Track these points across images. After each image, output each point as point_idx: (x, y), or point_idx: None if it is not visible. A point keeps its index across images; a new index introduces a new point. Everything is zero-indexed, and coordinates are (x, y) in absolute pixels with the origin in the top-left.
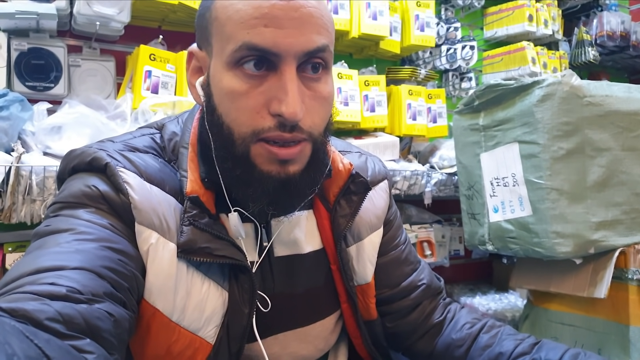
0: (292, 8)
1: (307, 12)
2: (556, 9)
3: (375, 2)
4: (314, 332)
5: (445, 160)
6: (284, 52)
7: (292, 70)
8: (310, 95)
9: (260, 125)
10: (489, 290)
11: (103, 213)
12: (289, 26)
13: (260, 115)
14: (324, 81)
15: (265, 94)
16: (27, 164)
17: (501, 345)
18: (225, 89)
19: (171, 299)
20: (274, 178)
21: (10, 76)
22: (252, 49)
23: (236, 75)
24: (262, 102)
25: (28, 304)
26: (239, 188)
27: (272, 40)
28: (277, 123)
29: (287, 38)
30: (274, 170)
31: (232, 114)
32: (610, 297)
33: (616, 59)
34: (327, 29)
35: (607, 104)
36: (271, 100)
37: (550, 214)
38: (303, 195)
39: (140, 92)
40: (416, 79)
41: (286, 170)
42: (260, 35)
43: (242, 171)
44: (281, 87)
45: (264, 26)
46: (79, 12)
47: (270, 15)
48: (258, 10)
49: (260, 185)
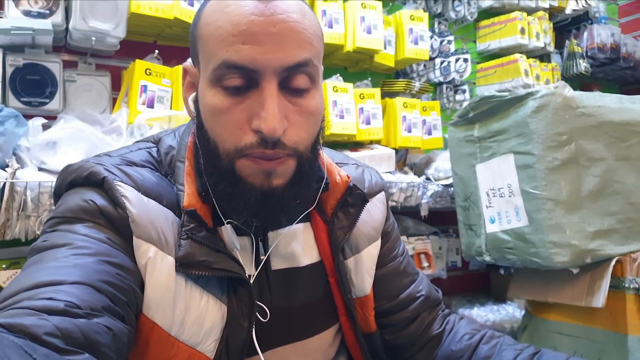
0: (270, 23)
1: (287, 27)
2: (547, 22)
3: (369, 16)
4: (313, 345)
5: (441, 172)
6: (263, 68)
7: (271, 86)
8: (295, 110)
9: (243, 142)
10: (486, 302)
11: (101, 227)
12: (267, 42)
13: (242, 132)
14: (310, 95)
15: (247, 110)
16: (21, 180)
17: (501, 355)
18: (209, 106)
19: (170, 313)
20: (257, 189)
21: (5, 92)
22: (231, 67)
23: (218, 92)
24: (244, 118)
25: (26, 319)
26: (224, 201)
27: (250, 57)
28: (259, 139)
29: (265, 54)
30: (258, 182)
31: (216, 130)
32: (608, 306)
33: (607, 70)
34: (311, 42)
35: (599, 114)
36: (252, 116)
37: (547, 224)
38: (287, 209)
39: (136, 106)
40: (411, 92)
41: (269, 183)
42: (238, 53)
43: (226, 184)
44: (260, 104)
45: (241, 43)
46: (75, 28)
47: (248, 32)
48: (236, 27)
49: (243, 196)
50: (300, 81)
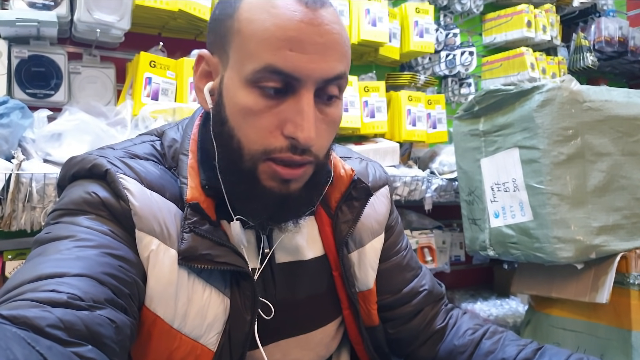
0: (317, 33)
1: (332, 39)
2: (554, 15)
3: (374, 9)
4: (316, 338)
5: (446, 166)
6: (305, 78)
7: (310, 95)
8: (322, 119)
9: (272, 145)
10: (490, 296)
11: (103, 220)
12: (312, 52)
13: (272, 135)
14: (335, 105)
15: (280, 115)
16: (27, 171)
17: (504, 351)
18: (240, 105)
19: (172, 305)
20: (275, 194)
21: (10, 83)
22: (274, 72)
23: (253, 93)
24: (275, 123)
25: (29, 311)
26: (240, 201)
27: (296, 65)
28: (289, 145)
29: (310, 64)
30: (276, 187)
31: (244, 130)
32: (612, 302)
33: (614, 64)
34: (347, 56)
35: (606, 108)
36: (286, 122)
37: (551, 219)
38: (300, 212)
39: (140, 98)
40: (416, 85)
41: (287, 188)
42: (284, 59)
43: (246, 186)
44: (298, 111)
45: (289, 50)
46: (80, 20)
47: (296, 40)
48: (285, 32)
49: (261, 200)
50: (332, 92)
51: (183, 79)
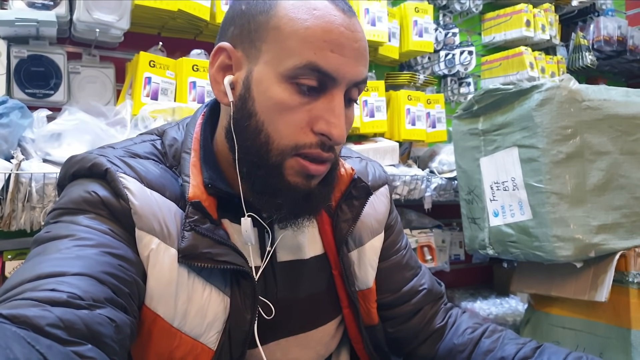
0: (354, 39)
1: (362, 46)
2: (553, 14)
3: (374, 8)
4: (316, 337)
5: (445, 165)
6: (341, 78)
7: (341, 95)
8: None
9: (303, 141)
10: (489, 295)
11: (103, 219)
12: (349, 55)
13: (303, 132)
14: (352, 108)
15: (312, 112)
16: (26, 171)
17: (503, 349)
18: (275, 99)
19: (172, 304)
20: (299, 189)
21: (10, 83)
22: (315, 70)
23: (289, 89)
24: (307, 119)
25: (29, 310)
26: (264, 195)
27: (335, 66)
28: (319, 141)
29: (346, 66)
30: (300, 182)
31: (275, 125)
32: (612, 300)
33: (613, 63)
34: (368, 62)
35: (605, 107)
36: (317, 119)
37: (551, 218)
38: (318, 208)
39: (140, 98)
40: (415, 84)
41: (309, 184)
42: (326, 59)
43: (271, 180)
44: (331, 110)
45: (330, 51)
46: (79, 19)
47: (337, 42)
48: (328, 34)
49: (288, 195)
50: (354, 95)
51: (182, 79)
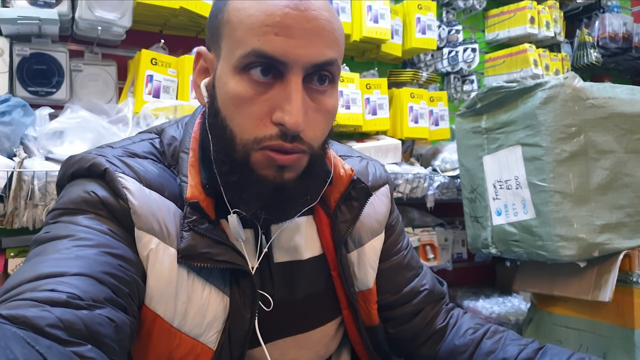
0: (304, 18)
1: (320, 25)
2: (558, 11)
3: (376, 6)
4: (314, 338)
5: (448, 163)
6: (292, 62)
7: (298, 80)
8: (314, 107)
9: (263, 133)
10: (492, 294)
11: (102, 219)
12: (299, 36)
13: (263, 123)
14: (329, 94)
15: (270, 101)
16: (29, 169)
17: (505, 350)
18: (231, 93)
19: (172, 304)
20: (269, 182)
21: (12, 81)
22: (260, 56)
23: (242, 80)
24: (265, 110)
25: (28, 310)
26: (234, 191)
27: (282, 49)
28: (279, 132)
29: (297, 48)
30: (270, 175)
31: (235, 119)
32: (615, 300)
33: (619, 60)
34: (338, 43)
35: (610, 105)
36: (275, 108)
37: (554, 217)
38: (296, 203)
39: (141, 96)
40: (418, 82)
41: (281, 176)
42: (270, 43)
43: (239, 175)
44: (286, 97)
45: (274, 34)
46: (81, 17)
47: (282, 24)
48: (270, 17)
49: (255, 188)
50: (323, 79)
51: (184, 77)
